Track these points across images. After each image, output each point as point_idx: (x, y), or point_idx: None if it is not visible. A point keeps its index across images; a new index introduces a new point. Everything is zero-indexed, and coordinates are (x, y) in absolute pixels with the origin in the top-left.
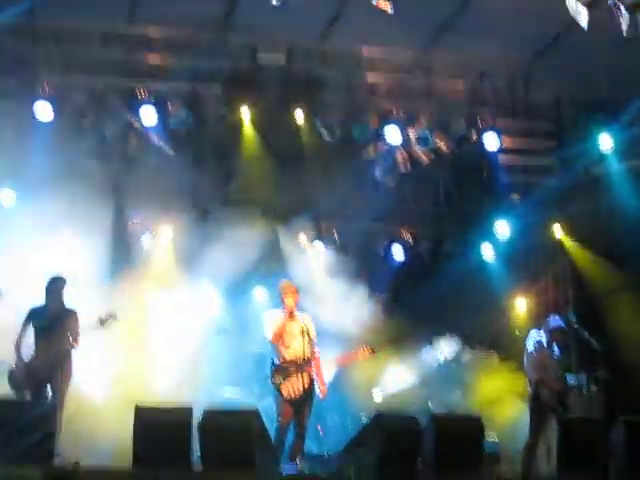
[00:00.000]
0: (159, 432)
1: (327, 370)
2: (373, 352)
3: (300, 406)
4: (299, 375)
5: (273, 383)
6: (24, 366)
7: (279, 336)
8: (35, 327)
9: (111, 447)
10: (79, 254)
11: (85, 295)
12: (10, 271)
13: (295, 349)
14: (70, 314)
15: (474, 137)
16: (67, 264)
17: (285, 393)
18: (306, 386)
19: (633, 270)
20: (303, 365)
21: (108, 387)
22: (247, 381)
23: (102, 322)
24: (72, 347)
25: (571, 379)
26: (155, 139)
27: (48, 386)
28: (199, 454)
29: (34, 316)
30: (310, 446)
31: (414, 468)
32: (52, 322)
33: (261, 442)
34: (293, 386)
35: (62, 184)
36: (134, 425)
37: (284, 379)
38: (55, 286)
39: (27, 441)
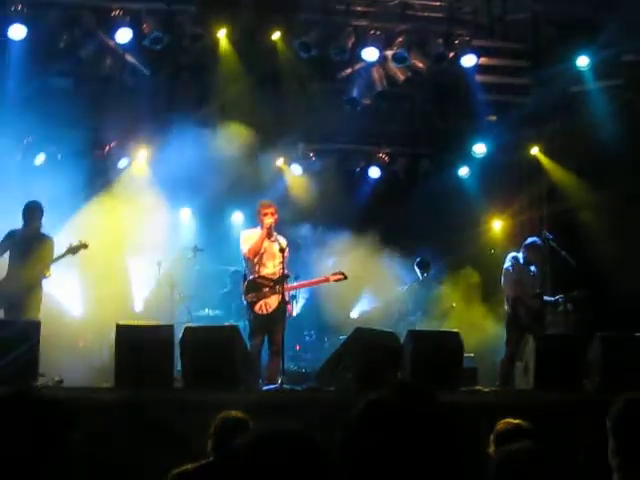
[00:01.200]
0: (141, 350)
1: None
2: (344, 277)
3: (272, 324)
4: (272, 293)
5: (246, 300)
6: None
7: (255, 252)
8: (10, 250)
9: (94, 367)
10: (56, 177)
11: (62, 219)
12: None
13: (270, 267)
14: (46, 240)
15: (451, 56)
16: (44, 188)
17: (257, 309)
18: (278, 304)
19: (609, 187)
20: (277, 283)
21: (89, 308)
22: (225, 301)
23: (73, 250)
24: (44, 276)
25: (548, 296)
26: (130, 59)
27: (18, 310)
28: (181, 371)
29: (11, 239)
30: (288, 364)
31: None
32: (27, 247)
33: (242, 358)
34: (265, 302)
35: (38, 107)
36: (115, 343)
37: (257, 296)
38: (31, 211)
39: (10, 360)
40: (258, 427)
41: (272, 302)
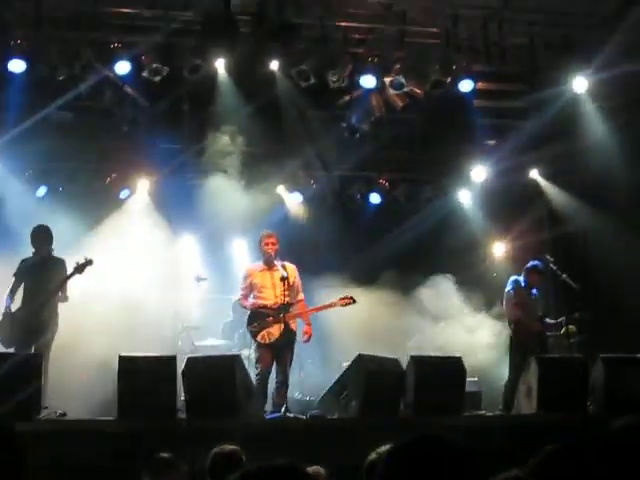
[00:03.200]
0: (143, 381)
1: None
2: (353, 301)
3: (278, 353)
4: (275, 321)
5: (248, 329)
6: (10, 316)
7: (252, 284)
8: (23, 278)
9: (98, 399)
10: (58, 210)
11: (64, 252)
12: None
13: (271, 296)
14: (58, 262)
15: (449, 81)
16: (46, 220)
17: (259, 338)
18: (282, 332)
19: (609, 209)
20: (279, 312)
21: (93, 340)
22: (228, 330)
23: (79, 269)
24: (62, 300)
25: (549, 319)
26: (130, 91)
27: (33, 336)
28: (183, 401)
29: (24, 268)
30: (292, 391)
31: (397, 409)
32: (38, 271)
33: (244, 388)
34: (268, 332)
35: (38, 139)
36: (118, 375)
37: (259, 325)
38: (39, 236)
39: (13, 394)
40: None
41: (274, 331)
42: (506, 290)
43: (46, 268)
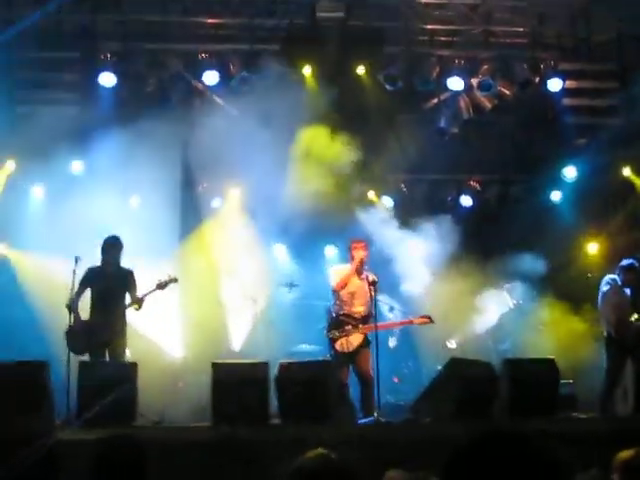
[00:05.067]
0: (236, 388)
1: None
2: (430, 321)
3: (354, 361)
4: (354, 331)
5: (328, 336)
6: (82, 327)
7: (343, 286)
8: (92, 288)
9: (194, 406)
10: (149, 219)
11: (156, 259)
12: (84, 239)
13: (358, 305)
14: (127, 274)
15: (537, 81)
16: (137, 230)
17: (338, 346)
18: (360, 342)
19: None
20: (360, 321)
21: (188, 347)
22: (321, 336)
23: (161, 286)
24: (137, 308)
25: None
26: (219, 100)
27: (107, 346)
28: (277, 408)
29: (91, 277)
30: (387, 397)
31: (490, 413)
32: (109, 283)
33: (336, 393)
34: (347, 340)
35: (129, 151)
36: (211, 382)
37: (339, 333)
38: (112, 246)
39: (109, 401)
40: None
41: (354, 340)
42: (603, 289)
43: (117, 280)
